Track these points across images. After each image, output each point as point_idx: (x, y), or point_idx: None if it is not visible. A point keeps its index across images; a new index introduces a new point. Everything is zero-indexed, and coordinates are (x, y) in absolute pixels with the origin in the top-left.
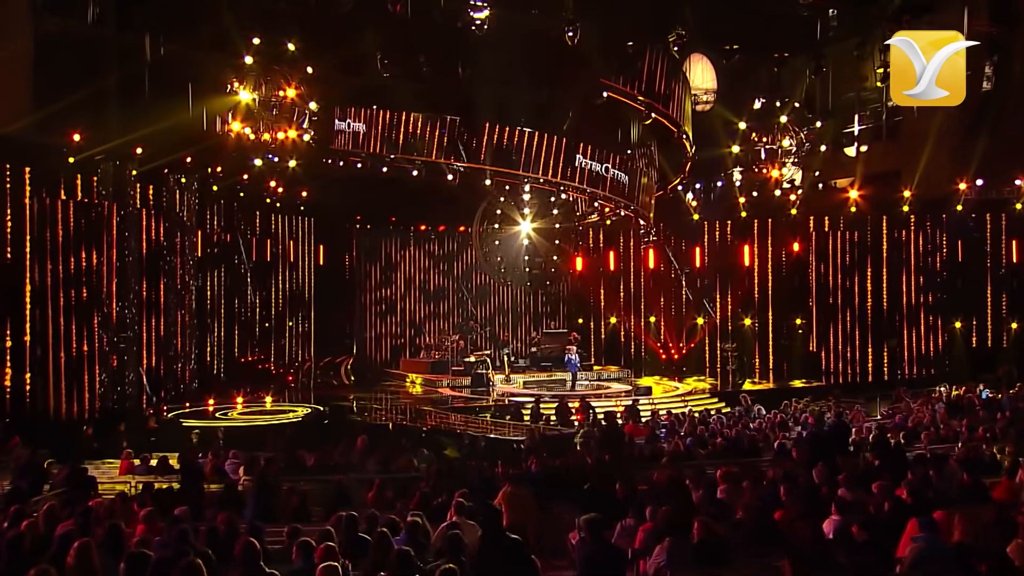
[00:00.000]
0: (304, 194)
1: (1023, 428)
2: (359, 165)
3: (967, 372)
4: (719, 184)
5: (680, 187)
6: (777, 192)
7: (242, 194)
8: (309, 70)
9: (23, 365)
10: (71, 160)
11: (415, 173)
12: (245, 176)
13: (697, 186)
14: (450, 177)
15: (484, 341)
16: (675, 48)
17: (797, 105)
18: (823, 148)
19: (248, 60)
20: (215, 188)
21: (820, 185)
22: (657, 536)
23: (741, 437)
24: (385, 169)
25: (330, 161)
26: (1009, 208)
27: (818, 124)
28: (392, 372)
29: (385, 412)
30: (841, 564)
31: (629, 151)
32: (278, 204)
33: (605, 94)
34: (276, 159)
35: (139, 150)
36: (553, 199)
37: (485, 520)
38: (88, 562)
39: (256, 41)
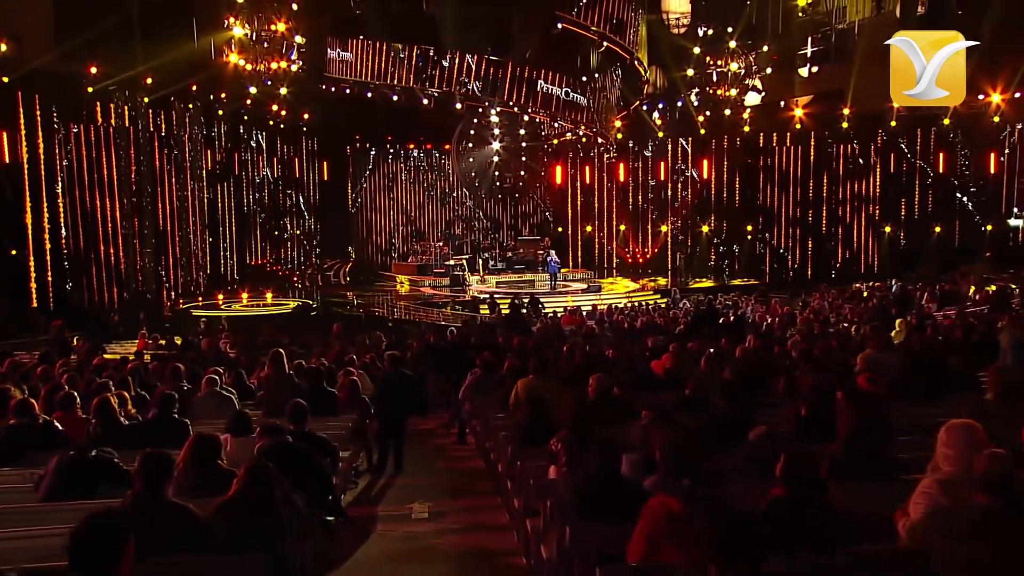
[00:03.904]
0: (306, 116)
1: (878, 311)
2: (347, 91)
3: (889, 271)
4: (679, 104)
5: (645, 107)
6: (727, 111)
7: (246, 118)
8: (295, 6)
9: (63, 269)
10: (90, 90)
11: (395, 98)
12: (248, 102)
13: (660, 106)
14: (425, 101)
15: (466, 246)
16: None
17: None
18: (768, 70)
19: None
20: (220, 112)
21: (782, 103)
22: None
23: (648, 323)
24: (370, 94)
25: (324, 87)
26: (938, 123)
27: (765, 48)
28: (385, 274)
29: (366, 307)
30: None
31: (596, 76)
32: (282, 126)
33: (560, 25)
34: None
35: (149, 80)
36: (520, 121)
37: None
38: (74, 385)
39: None
